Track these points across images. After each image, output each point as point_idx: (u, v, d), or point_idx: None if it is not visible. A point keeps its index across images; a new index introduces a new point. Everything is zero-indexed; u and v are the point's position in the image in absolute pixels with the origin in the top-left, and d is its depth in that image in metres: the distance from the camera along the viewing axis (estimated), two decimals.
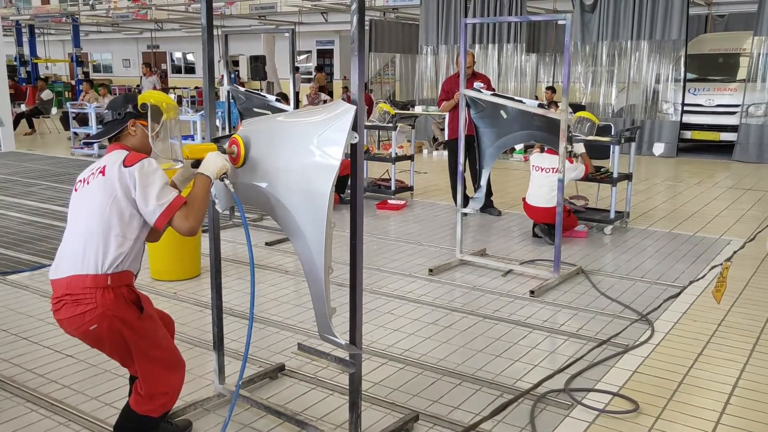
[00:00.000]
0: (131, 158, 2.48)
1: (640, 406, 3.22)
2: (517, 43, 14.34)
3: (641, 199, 8.21)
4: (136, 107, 2.61)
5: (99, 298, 2.43)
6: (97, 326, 2.44)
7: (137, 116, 2.61)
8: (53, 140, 15.20)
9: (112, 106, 2.65)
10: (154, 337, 2.61)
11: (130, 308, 2.51)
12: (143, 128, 2.62)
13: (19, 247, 6.09)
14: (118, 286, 2.48)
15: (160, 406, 2.64)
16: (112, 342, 2.51)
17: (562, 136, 4.98)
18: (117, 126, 2.62)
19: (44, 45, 26.82)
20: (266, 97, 7.30)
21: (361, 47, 2.45)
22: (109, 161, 2.51)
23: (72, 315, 2.45)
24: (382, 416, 3.14)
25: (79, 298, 2.43)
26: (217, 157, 2.65)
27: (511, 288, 5.03)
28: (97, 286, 2.43)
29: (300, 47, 22.03)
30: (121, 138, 2.63)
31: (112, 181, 2.45)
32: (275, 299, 4.76)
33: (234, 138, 2.81)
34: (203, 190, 2.58)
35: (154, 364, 2.60)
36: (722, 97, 12.22)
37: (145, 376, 2.60)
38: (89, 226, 2.45)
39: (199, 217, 2.51)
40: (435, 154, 12.71)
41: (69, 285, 2.45)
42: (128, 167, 2.45)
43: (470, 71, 7.27)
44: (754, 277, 5.21)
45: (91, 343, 2.56)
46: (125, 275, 2.51)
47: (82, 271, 2.44)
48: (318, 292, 2.62)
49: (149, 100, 2.62)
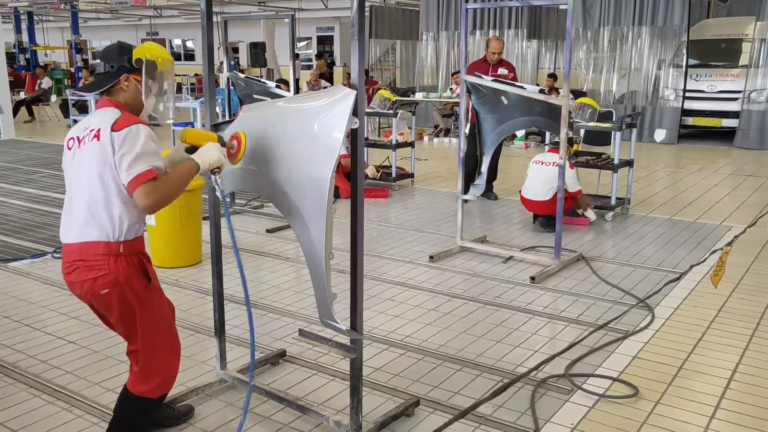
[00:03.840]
0: (120, 122, 2.38)
1: (639, 391, 3.23)
2: (519, 29, 14.27)
3: (642, 186, 8.20)
4: (130, 60, 2.49)
5: (112, 265, 2.42)
6: (109, 291, 2.44)
7: (131, 71, 2.50)
8: (53, 128, 15.17)
9: (105, 57, 2.52)
10: (160, 312, 2.61)
11: (141, 277, 2.49)
12: (136, 84, 2.51)
13: (20, 235, 6.10)
14: (130, 253, 2.47)
15: (157, 388, 2.63)
16: (120, 310, 2.49)
17: (564, 122, 4.96)
18: (109, 80, 2.50)
19: (43, 32, 26.67)
20: (266, 83, 7.28)
21: (361, 32, 2.44)
22: (103, 124, 2.41)
23: (84, 279, 2.44)
24: (383, 401, 3.15)
25: (92, 264, 2.42)
26: (214, 150, 2.57)
27: (511, 274, 5.03)
28: (110, 253, 2.42)
29: (300, 34, 21.93)
30: (113, 93, 2.52)
31: (106, 146, 2.37)
32: (276, 286, 4.77)
33: (237, 133, 2.75)
34: (184, 175, 2.48)
35: (155, 341, 2.59)
36: (724, 83, 12.17)
37: (145, 351, 2.58)
38: (92, 195, 2.41)
39: (163, 198, 2.38)
40: (435, 141, 12.68)
41: (81, 251, 2.44)
42: (115, 132, 2.36)
43: (498, 57, 7.26)
44: (754, 263, 5.22)
45: (100, 307, 2.53)
46: (136, 242, 2.50)
47: (94, 238, 2.42)
48: (319, 278, 2.62)
49: (144, 55, 2.50)
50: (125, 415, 2.66)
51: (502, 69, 7.25)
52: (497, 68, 7.21)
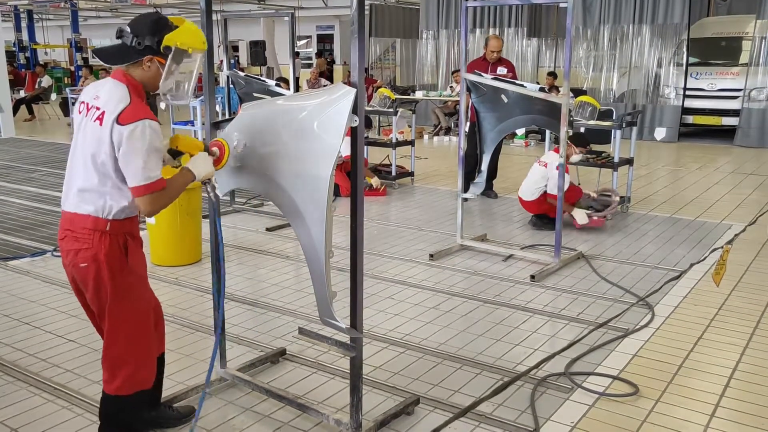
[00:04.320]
0: (127, 115, 2.32)
1: (640, 389, 3.23)
2: (519, 27, 14.25)
3: (642, 184, 8.19)
4: (159, 43, 2.39)
5: (96, 241, 2.44)
6: (87, 266, 2.46)
7: (156, 53, 2.41)
8: (53, 126, 15.16)
9: (135, 29, 2.41)
10: (134, 302, 2.54)
11: (122, 259, 2.49)
12: (159, 67, 2.44)
13: (20, 233, 6.09)
14: (117, 233, 2.48)
15: (126, 381, 2.55)
16: (95, 287, 2.48)
17: (564, 120, 4.96)
18: (132, 56, 2.42)
19: (43, 30, 26.64)
20: (266, 82, 7.27)
21: (360, 29, 2.43)
22: (108, 107, 2.36)
23: (69, 249, 2.49)
24: (383, 400, 3.15)
25: (78, 236, 2.46)
26: (206, 161, 2.61)
27: (511, 273, 5.03)
28: (96, 229, 2.44)
29: (300, 32, 21.90)
30: (131, 67, 2.44)
31: (106, 133, 2.35)
32: (276, 284, 4.76)
33: (218, 141, 2.76)
34: (182, 185, 2.55)
35: (121, 329, 2.52)
36: (724, 81, 12.15)
37: (109, 337, 2.54)
38: (87, 174, 2.43)
39: (164, 205, 2.49)
40: (435, 140, 12.67)
41: (73, 221, 2.48)
42: (121, 126, 2.32)
43: (497, 56, 7.24)
44: (754, 262, 5.21)
45: (79, 281, 2.53)
46: (126, 223, 2.50)
47: (85, 212, 2.45)
48: (319, 276, 2.62)
49: (175, 43, 2.41)
50: (104, 416, 2.64)
51: (502, 68, 7.24)
52: (497, 67, 7.19)
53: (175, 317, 4.10)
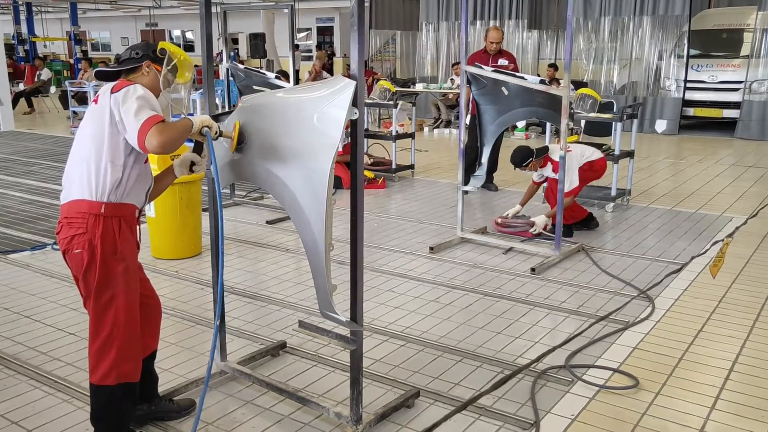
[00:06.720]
0: (119, 84, 2.50)
1: (640, 382, 3.23)
2: (519, 19, 14.21)
3: (643, 177, 8.18)
4: (155, 51, 2.66)
5: (90, 224, 2.46)
6: (82, 251, 2.47)
7: (154, 60, 2.65)
8: (52, 119, 15.14)
9: (131, 47, 2.70)
10: (120, 288, 2.51)
11: (114, 243, 2.49)
12: (156, 73, 2.65)
13: (20, 226, 6.09)
14: (112, 215, 2.49)
15: (110, 371, 2.52)
16: (86, 272, 2.49)
17: (564, 112, 4.95)
18: (131, 63, 2.65)
19: (42, 23, 26.59)
20: (266, 74, 7.25)
21: (360, 21, 2.42)
22: (104, 89, 2.54)
23: (65, 236, 2.51)
24: (384, 392, 3.15)
25: (72, 221, 2.48)
26: (204, 116, 2.69)
27: (512, 266, 5.03)
28: (91, 212, 2.47)
29: (300, 24, 21.83)
30: (132, 77, 2.64)
31: (102, 107, 2.48)
32: (276, 277, 4.76)
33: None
34: (183, 126, 2.52)
35: (104, 314, 2.51)
36: (725, 73, 12.12)
37: (93, 322, 2.53)
38: (83, 153, 2.50)
39: (173, 139, 2.42)
40: (436, 132, 12.65)
41: (68, 209, 2.51)
42: (115, 93, 2.47)
43: (497, 47, 7.20)
44: (755, 254, 5.21)
45: (74, 268, 2.53)
46: (122, 207, 2.52)
47: (81, 196, 2.48)
48: (319, 269, 2.62)
49: (169, 48, 2.67)
50: (92, 407, 2.62)
51: (503, 60, 7.21)
52: (497, 59, 7.16)
53: (175, 310, 4.11)
